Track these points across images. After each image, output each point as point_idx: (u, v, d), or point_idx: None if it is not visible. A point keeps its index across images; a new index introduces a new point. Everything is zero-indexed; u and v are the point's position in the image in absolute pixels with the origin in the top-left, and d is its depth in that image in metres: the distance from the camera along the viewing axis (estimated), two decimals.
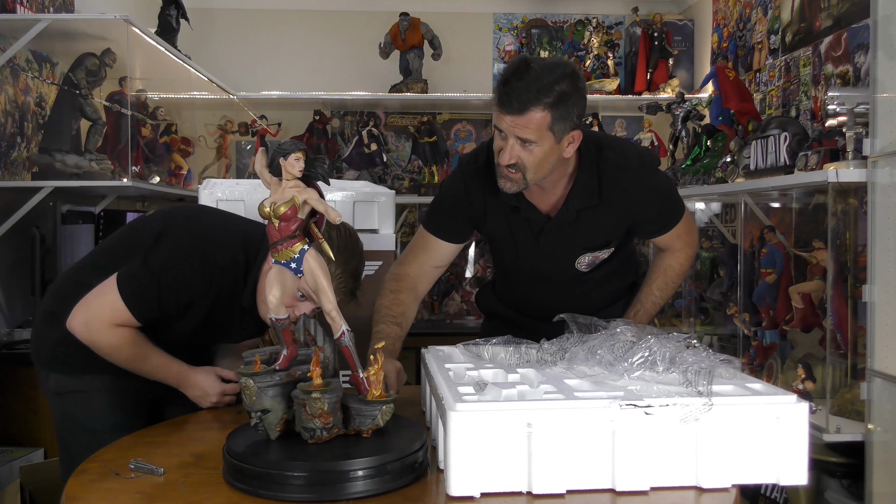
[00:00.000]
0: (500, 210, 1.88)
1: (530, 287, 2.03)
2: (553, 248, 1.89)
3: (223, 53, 4.42)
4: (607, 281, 2.03)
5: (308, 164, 1.27)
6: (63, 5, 3.30)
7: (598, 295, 2.04)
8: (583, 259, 1.91)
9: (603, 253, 1.92)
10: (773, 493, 2.54)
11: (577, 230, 1.86)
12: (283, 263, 1.30)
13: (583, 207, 1.81)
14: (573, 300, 1.95)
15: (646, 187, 1.84)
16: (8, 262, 2.97)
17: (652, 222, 1.93)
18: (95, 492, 1.22)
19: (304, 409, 1.26)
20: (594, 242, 1.89)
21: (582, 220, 1.84)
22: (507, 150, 1.67)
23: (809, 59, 3.10)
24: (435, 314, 4.57)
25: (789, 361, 2.57)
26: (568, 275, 1.95)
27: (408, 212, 4.57)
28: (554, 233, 1.87)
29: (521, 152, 1.66)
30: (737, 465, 1.21)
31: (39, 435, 2.74)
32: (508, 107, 1.62)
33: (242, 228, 1.81)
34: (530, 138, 1.64)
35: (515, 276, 2.06)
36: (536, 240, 1.89)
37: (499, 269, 2.13)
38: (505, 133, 1.66)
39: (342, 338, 1.32)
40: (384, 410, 1.30)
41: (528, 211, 1.85)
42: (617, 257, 1.98)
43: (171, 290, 1.68)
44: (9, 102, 2.99)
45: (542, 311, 1.91)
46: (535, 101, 1.61)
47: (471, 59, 4.55)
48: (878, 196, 2.12)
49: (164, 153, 3.74)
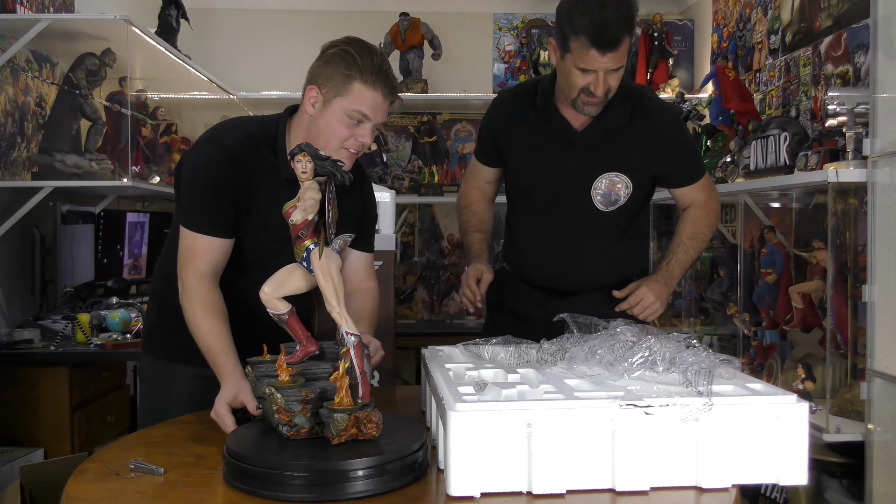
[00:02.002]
0: (529, 128, 1.98)
1: (542, 231, 2.03)
2: (576, 166, 1.94)
3: (223, 53, 4.42)
4: (616, 246, 2.02)
5: (317, 163, 1.29)
6: (63, 5, 3.30)
7: (606, 262, 2.02)
8: (600, 184, 1.94)
9: (620, 181, 1.94)
10: (773, 493, 2.54)
11: (601, 148, 1.93)
12: (299, 261, 1.32)
13: (612, 127, 1.91)
14: (580, 262, 2.00)
15: (672, 123, 1.99)
16: (8, 262, 2.97)
17: (678, 164, 1.99)
18: (95, 492, 1.22)
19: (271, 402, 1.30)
20: (615, 163, 1.94)
21: (609, 140, 1.92)
22: (600, 84, 1.79)
23: (809, 59, 3.10)
24: (435, 314, 4.57)
25: (789, 361, 2.57)
26: (584, 211, 1.97)
27: (408, 212, 4.57)
28: (579, 147, 1.94)
29: (610, 79, 1.81)
30: (737, 465, 1.21)
31: (39, 435, 2.74)
32: (607, 46, 1.74)
33: (257, 117, 1.81)
34: (621, 65, 1.80)
35: (529, 213, 2.05)
36: (562, 154, 1.95)
37: (513, 211, 2.12)
38: (594, 70, 1.77)
39: (343, 339, 1.31)
40: (337, 420, 1.23)
41: (560, 122, 1.94)
42: (631, 213, 2.01)
43: (205, 187, 1.64)
44: (9, 102, 2.99)
45: (549, 274, 2.02)
46: (624, 32, 1.75)
47: (471, 59, 4.56)
48: (878, 196, 2.12)
49: (164, 153, 3.74)
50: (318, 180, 1.31)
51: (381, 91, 1.62)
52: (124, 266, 3.58)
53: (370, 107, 1.62)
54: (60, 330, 2.92)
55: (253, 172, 1.68)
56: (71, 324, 2.93)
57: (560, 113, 1.94)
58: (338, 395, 1.26)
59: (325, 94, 1.63)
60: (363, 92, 1.61)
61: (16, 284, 3.01)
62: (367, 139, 1.66)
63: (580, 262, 2.02)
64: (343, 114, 1.62)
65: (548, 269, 2.05)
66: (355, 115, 1.62)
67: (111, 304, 3.10)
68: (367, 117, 1.63)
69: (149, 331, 1.89)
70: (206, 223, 1.64)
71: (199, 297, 1.60)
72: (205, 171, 1.66)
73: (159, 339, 1.83)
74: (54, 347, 2.82)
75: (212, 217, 1.64)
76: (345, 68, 1.61)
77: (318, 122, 1.65)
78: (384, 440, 1.26)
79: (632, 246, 2.08)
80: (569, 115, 1.93)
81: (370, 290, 1.87)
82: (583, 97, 1.83)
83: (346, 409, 1.24)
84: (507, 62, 4.62)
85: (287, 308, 1.37)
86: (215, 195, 1.64)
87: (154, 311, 1.87)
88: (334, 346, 1.48)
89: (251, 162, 1.68)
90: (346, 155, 1.66)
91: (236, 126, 1.74)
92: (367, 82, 1.61)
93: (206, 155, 1.68)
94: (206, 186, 1.65)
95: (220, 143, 1.67)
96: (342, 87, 1.61)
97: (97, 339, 2.87)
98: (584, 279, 2.03)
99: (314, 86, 1.65)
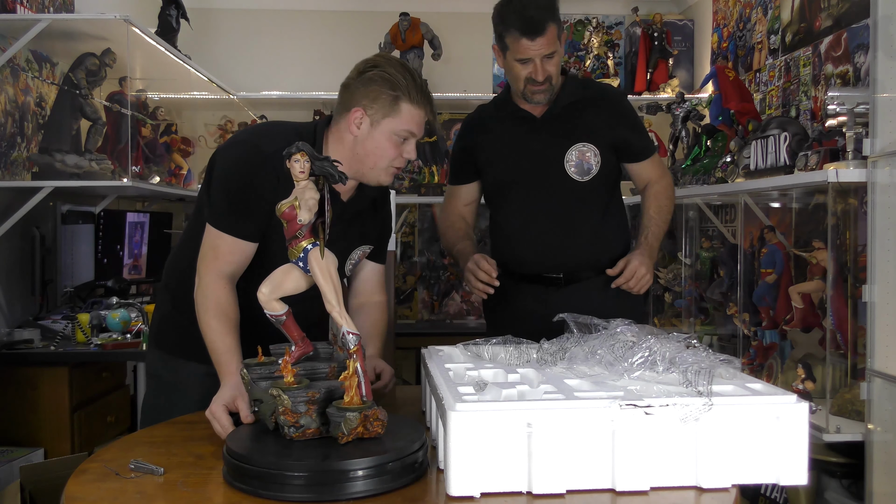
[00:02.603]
0: (495, 128, 2.18)
1: (526, 216, 2.14)
2: (544, 145, 2.12)
3: (223, 53, 4.42)
4: (599, 220, 2.14)
5: (315, 163, 1.28)
6: (63, 5, 3.31)
7: (592, 237, 2.13)
8: (571, 156, 2.10)
9: (589, 150, 2.10)
10: (773, 493, 2.54)
11: (564, 124, 2.12)
12: (294, 262, 1.32)
13: (567, 104, 2.11)
14: (568, 238, 2.11)
15: (621, 97, 2.29)
16: (8, 262, 2.97)
17: (632, 135, 2.17)
18: (95, 492, 1.22)
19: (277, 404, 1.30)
20: (579, 134, 2.11)
21: (569, 116, 2.12)
22: (538, 70, 2.02)
23: (809, 59, 3.10)
24: (435, 314, 4.57)
25: (789, 361, 2.57)
26: (561, 185, 2.11)
27: (408, 212, 4.57)
28: (544, 129, 2.13)
29: (548, 66, 2.02)
30: (737, 465, 1.21)
31: (39, 435, 2.74)
32: (534, 32, 1.97)
33: (295, 124, 1.80)
34: (553, 50, 2.01)
35: (512, 204, 2.17)
36: (529, 139, 2.13)
37: (495, 210, 2.23)
38: (530, 58, 2.00)
39: (345, 339, 1.31)
40: (349, 419, 1.24)
41: (521, 113, 2.14)
42: (607, 185, 2.15)
43: (237, 189, 1.65)
44: (9, 102, 2.99)
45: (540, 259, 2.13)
46: (547, 19, 1.98)
47: (471, 59, 4.55)
48: (878, 196, 2.12)
49: (164, 153, 3.75)
50: (313, 180, 1.31)
51: (426, 109, 1.68)
52: (124, 266, 3.58)
53: (418, 125, 1.68)
54: (60, 330, 2.92)
55: (287, 181, 1.68)
56: (71, 324, 2.93)
57: (520, 108, 2.14)
58: (347, 394, 1.26)
59: (371, 115, 1.65)
60: (411, 111, 1.65)
61: (16, 284, 3.01)
62: (413, 155, 1.71)
63: (567, 238, 2.11)
64: (392, 134, 1.65)
65: (538, 252, 2.13)
66: (403, 134, 1.66)
67: (111, 304, 3.10)
68: (414, 134, 1.68)
69: (158, 325, 1.89)
70: (234, 225, 1.64)
71: (214, 296, 1.61)
72: (238, 174, 1.66)
73: (170, 334, 1.84)
74: (54, 347, 2.82)
75: (239, 219, 1.65)
76: (390, 89, 1.63)
77: (367, 144, 1.67)
78: (384, 440, 1.26)
79: (613, 221, 2.19)
80: (527, 108, 2.14)
81: (379, 304, 1.89)
82: (529, 87, 2.05)
83: (357, 407, 1.25)
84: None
85: (284, 309, 1.37)
86: (246, 198, 1.64)
87: (166, 306, 1.87)
88: (327, 345, 1.48)
89: (286, 172, 1.68)
90: (393, 172, 1.71)
91: (275, 132, 1.72)
92: (414, 102, 1.65)
93: (242, 157, 1.67)
94: (238, 188, 1.65)
95: (259, 147, 1.66)
96: (390, 108, 1.64)
97: (97, 339, 2.87)
98: (575, 258, 2.13)
99: (359, 108, 1.65)
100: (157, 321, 1.90)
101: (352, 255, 1.81)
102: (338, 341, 1.35)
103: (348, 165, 1.67)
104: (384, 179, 1.71)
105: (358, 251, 1.82)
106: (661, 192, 2.21)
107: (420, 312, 4.59)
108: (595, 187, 2.12)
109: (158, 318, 1.89)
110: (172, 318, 1.83)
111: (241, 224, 1.65)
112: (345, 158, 1.67)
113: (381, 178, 1.71)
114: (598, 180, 2.11)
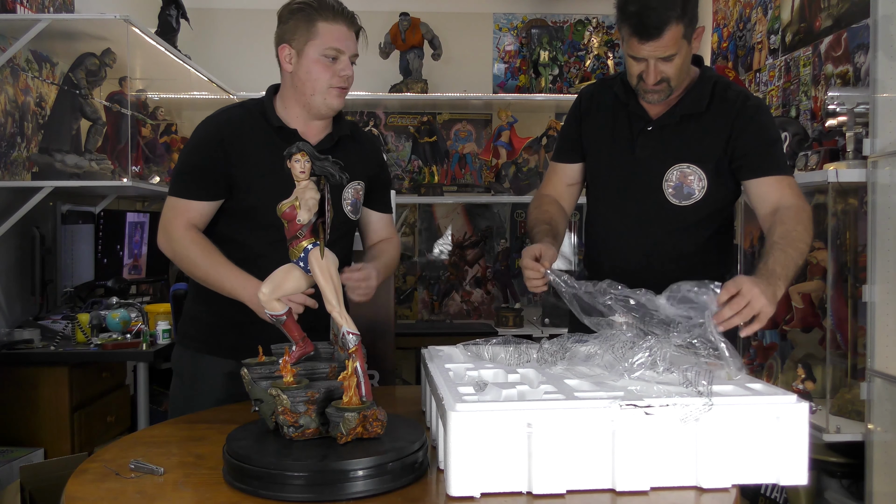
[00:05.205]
0: (607, 116, 1.94)
1: (615, 226, 1.93)
2: (647, 155, 1.87)
3: (223, 53, 4.42)
4: (693, 250, 1.88)
5: (315, 163, 1.29)
6: (63, 5, 3.31)
7: (681, 267, 1.81)
8: (671, 175, 1.84)
9: (693, 174, 1.83)
10: (773, 493, 2.54)
11: (675, 137, 1.86)
12: (295, 262, 1.32)
13: (687, 113, 1.85)
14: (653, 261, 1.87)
15: (754, 111, 1.84)
16: (8, 262, 2.97)
17: (752, 150, 1.81)
18: (95, 492, 1.22)
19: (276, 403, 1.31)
20: (687, 154, 1.85)
21: (683, 127, 1.86)
22: (650, 72, 1.75)
23: (809, 59, 3.10)
24: (435, 314, 4.57)
25: (789, 361, 2.57)
26: (656, 204, 1.86)
27: (408, 212, 4.57)
28: (653, 135, 1.87)
29: (663, 67, 1.75)
30: (737, 465, 1.21)
31: (39, 435, 2.74)
32: (647, 35, 1.70)
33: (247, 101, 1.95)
34: (671, 53, 1.72)
35: (603, 206, 1.97)
36: (634, 142, 1.89)
37: (590, 207, 2.03)
38: (644, 57, 1.74)
39: (346, 338, 1.31)
40: (347, 419, 1.23)
41: (636, 108, 1.89)
42: (709, 214, 1.87)
43: (193, 154, 1.80)
44: (9, 102, 2.99)
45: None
46: (669, 20, 1.68)
47: (471, 59, 4.56)
48: (878, 196, 2.12)
49: (164, 153, 3.75)
50: (314, 180, 1.31)
51: (343, 22, 1.77)
52: (124, 266, 3.58)
53: (339, 39, 1.76)
54: (60, 330, 2.92)
55: (245, 134, 1.81)
56: (71, 324, 2.93)
57: (638, 101, 1.88)
58: (346, 394, 1.26)
59: (296, 46, 1.76)
60: (329, 28, 1.75)
61: (16, 284, 3.01)
62: (348, 71, 1.79)
63: (653, 260, 1.88)
64: (318, 55, 1.75)
65: (621, 267, 1.86)
66: (330, 53, 1.75)
67: (111, 304, 3.10)
68: (341, 51, 1.76)
69: (183, 321, 1.95)
70: (182, 188, 1.77)
71: (188, 238, 1.74)
72: (187, 147, 1.84)
73: (190, 330, 1.90)
74: (54, 347, 2.82)
75: (187, 184, 1.77)
76: (304, 17, 1.75)
77: (299, 73, 1.78)
78: (384, 440, 1.26)
79: (711, 257, 1.90)
80: (645, 104, 1.88)
81: (389, 240, 2.01)
82: (641, 85, 1.81)
83: (356, 407, 1.25)
84: (507, 62, 4.62)
85: (284, 309, 1.37)
86: (190, 161, 1.80)
87: (190, 301, 1.94)
88: (328, 345, 1.48)
89: (245, 124, 1.82)
90: (337, 93, 1.78)
91: (226, 107, 1.91)
92: (328, 19, 1.74)
93: (199, 127, 1.83)
94: (184, 159, 1.82)
95: (212, 115, 1.85)
96: (308, 32, 1.74)
97: (97, 339, 2.87)
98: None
99: (284, 44, 1.78)
100: (183, 317, 1.97)
101: (344, 194, 1.87)
102: (338, 341, 1.35)
103: (295, 103, 1.81)
104: (333, 103, 1.79)
105: (349, 189, 1.88)
106: (790, 216, 1.74)
107: (420, 312, 4.59)
108: (693, 213, 1.86)
109: (184, 314, 1.97)
110: (192, 312, 1.91)
111: (191, 186, 1.77)
112: (290, 98, 1.81)
113: (329, 101, 1.79)
114: (698, 207, 1.85)
